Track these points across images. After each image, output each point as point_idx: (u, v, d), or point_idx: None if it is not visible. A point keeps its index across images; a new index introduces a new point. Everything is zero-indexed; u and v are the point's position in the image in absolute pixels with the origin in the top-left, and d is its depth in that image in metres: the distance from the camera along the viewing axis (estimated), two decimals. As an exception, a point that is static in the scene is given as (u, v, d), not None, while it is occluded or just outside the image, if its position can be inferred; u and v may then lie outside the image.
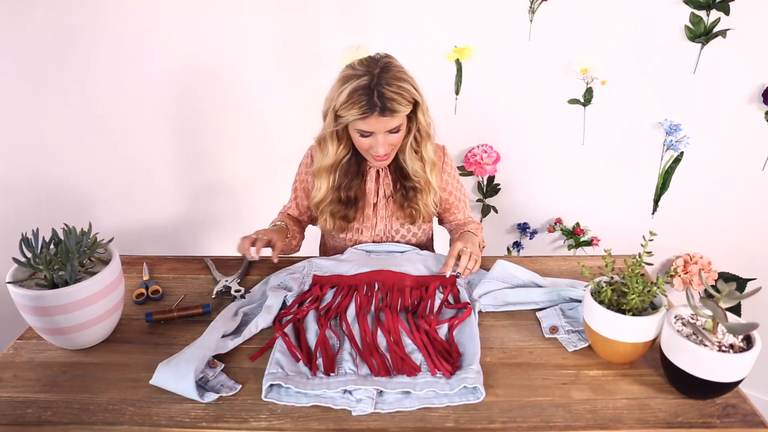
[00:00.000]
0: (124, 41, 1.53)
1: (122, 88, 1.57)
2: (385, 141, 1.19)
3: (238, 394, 0.91)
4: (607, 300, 0.95)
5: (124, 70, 1.56)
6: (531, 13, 1.73)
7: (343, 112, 1.15)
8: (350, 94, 1.13)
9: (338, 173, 1.30)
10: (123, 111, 1.59)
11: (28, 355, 1.01)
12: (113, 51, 1.52)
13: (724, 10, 1.47)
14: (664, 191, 1.78)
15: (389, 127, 1.17)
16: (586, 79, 1.72)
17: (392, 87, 1.13)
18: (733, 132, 1.61)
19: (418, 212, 1.33)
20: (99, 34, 1.48)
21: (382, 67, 1.15)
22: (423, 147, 1.28)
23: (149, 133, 1.70)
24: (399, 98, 1.14)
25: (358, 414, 0.86)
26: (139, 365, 0.98)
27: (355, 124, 1.17)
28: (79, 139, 1.53)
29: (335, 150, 1.26)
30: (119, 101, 1.57)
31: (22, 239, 0.96)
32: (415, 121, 1.23)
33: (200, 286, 1.24)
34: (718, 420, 0.86)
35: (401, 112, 1.15)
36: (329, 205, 1.32)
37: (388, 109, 1.13)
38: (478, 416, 0.86)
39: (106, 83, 1.53)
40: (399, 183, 1.33)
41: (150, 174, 1.74)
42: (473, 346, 0.99)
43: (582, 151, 1.84)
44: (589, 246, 1.97)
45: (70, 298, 0.92)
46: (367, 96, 1.12)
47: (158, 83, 1.65)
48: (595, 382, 0.94)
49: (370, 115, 1.13)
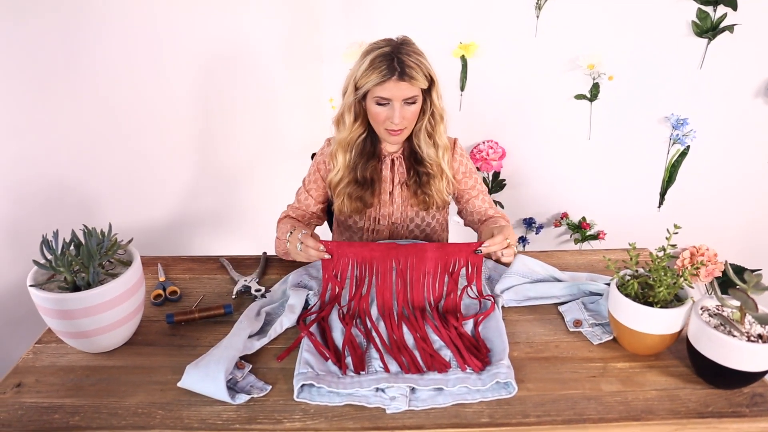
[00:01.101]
0: (129, 41, 1.51)
1: (127, 88, 1.55)
2: (401, 111, 1.21)
3: (269, 394, 0.90)
4: (633, 293, 0.96)
5: (129, 69, 1.54)
6: (537, 9, 1.74)
7: (363, 80, 1.19)
8: (371, 61, 1.18)
9: (354, 152, 1.31)
10: (122, 112, 1.57)
11: (48, 359, 0.99)
12: (119, 50, 1.50)
13: (731, 5, 1.48)
14: (671, 185, 1.80)
15: (406, 95, 1.19)
16: (593, 75, 1.73)
17: (411, 57, 1.18)
18: (739, 126, 1.63)
19: (431, 198, 1.34)
20: (105, 34, 1.46)
21: (403, 41, 1.23)
22: (437, 131, 1.30)
23: (153, 132, 1.68)
24: (417, 68, 1.18)
25: (393, 412, 0.86)
26: (165, 368, 0.96)
27: (374, 92, 1.20)
28: (79, 140, 1.51)
29: (351, 124, 1.28)
30: (122, 101, 1.56)
31: (42, 241, 0.94)
32: (429, 102, 1.26)
33: (218, 286, 1.23)
34: (747, 409, 0.87)
35: (418, 80, 1.19)
36: (346, 187, 1.32)
37: (406, 74, 1.17)
38: (512, 411, 0.87)
39: (112, 82, 1.52)
40: (413, 169, 1.34)
41: (153, 173, 1.72)
42: (501, 341, 0.99)
43: (588, 146, 1.86)
44: (596, 240, 1.98)
45: (95, 300, 0.91)
46: (388, 61, 1.17)
47: (164, 82, 1.64)
48: (623, 374, 0.95)
49: (389, 79, 1.16)
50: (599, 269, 1.30)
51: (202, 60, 1.71)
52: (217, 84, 1.79)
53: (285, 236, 1.25)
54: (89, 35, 1.43)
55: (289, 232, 1.22)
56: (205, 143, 1.85)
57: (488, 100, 1.92)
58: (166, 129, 1.70)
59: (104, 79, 1.49)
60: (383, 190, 1.35)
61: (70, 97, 1.45)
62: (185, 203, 1.84)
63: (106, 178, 1.58)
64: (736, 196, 1.71)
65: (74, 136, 1.48)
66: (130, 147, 1.62)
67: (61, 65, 1.41)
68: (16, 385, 0.92)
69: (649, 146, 1.78)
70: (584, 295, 1.16)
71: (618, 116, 1.77)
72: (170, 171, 1.77)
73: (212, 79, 1.77)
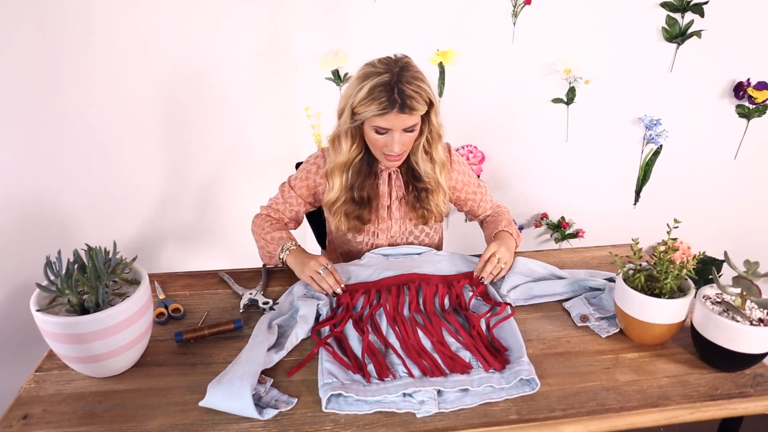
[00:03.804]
0: (103, 53, 1.46)
1: (102, 100, 1.50)
2: (400, 139, 1.20)
3: (296, 407, 0.88)
4: (640, 286, 1.00)
5: (104, 82, 1.49)
6: (514, 17, 1.79)
7: (361, 109, 1.16)
8: (370, 90, 1.14)
9: (351, 172, 1.29)
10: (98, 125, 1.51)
11: (53, 387, 0.94)
12: (94, 63, 1.45)
13: (698, 12, 1.58)
14: (645, 183, 1.89)
15: (406, 125, 1.18)
16: (569, 79, 1.80)
17: (412, 86, 1.14)
18: (707, 125, 1.73)
19: (430, 212, 1.35)
20: (80, 47, 1.41)
21: (402, 66, 1.17)
22: (434, 149, 1.30)
23: (129, 145, 1.62)
24: (418, 97, 1.15)
25: (423, 415, 0.86)
26: (181, 388, 0.93)
27: (373, 121, 1.17)
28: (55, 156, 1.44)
29: (348, 148, 1.25)
30: (97, 114, 1.50)
31: (46, 264, 0.90)
32: (428, 122, 1.25)
33: (221, 301, 1.20)
34: (752, 389, 0.93)
35: (419, 110, 1.17)
36: (343, 206, 1.31)
37: (407, 106, 1.14)
38: (537, 406, 0.89)
39: (87, 95, 1.46)
40: (411, 185, 1.34)
41: (129, 187, 1.66)
42: (516, 340, 1.01)
43: (566, 148, 1.92)
44: (575, 238, 2.05)
45: (108, 322, 0.87)
46: (388, 93, 1.13)
47: (139, 94, 1.59)
48: (635, 363, 0.99)
49: (390, 112, 1.14)
50: (594, 265, 1.35)
51: (177, 70, 1.67)
52: (192, 94, 1.75)
53: (278, 244, 1.25)
54: (66, 49, 1.38)
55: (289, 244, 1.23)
56: (181, 155, 1.80)
57: (467, 105, 1.96)
58: (141, 141, 1.65)
59: (78, 91, 1.43)
60: (381, 205, 1.35)
61: (46, 112, 1.38)
62: (162, 217, 1.79)
63: (82, 193, 1.51)
64: (707, 190, 1.81)
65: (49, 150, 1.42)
66: (105, 161, 1.56)
67: (37, 81, 1.35)
68: (22, 417, 0.87)
69: (624, 146, 1.86)
70: (585, 290, 1.20)
71: (594, 118, 1.85)
72: (146, 184, 1.71)
73: (187, 89, 1.73)
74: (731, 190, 1.78)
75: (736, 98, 1.65)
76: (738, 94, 1.63)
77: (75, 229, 1.51)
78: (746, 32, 1.59)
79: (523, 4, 1.77)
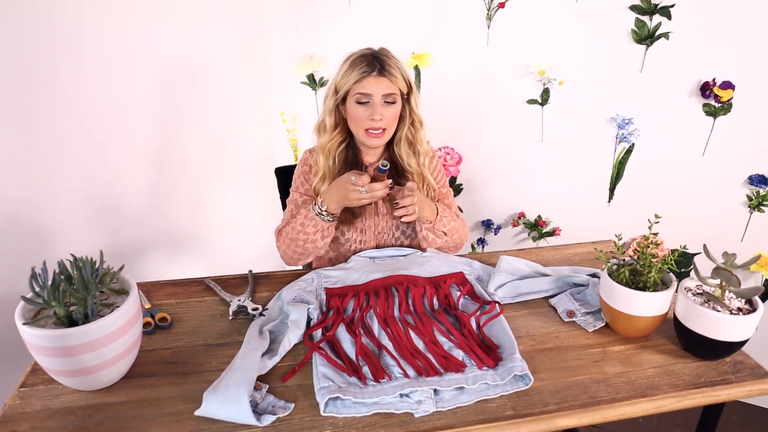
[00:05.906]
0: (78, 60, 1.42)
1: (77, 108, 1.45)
2: (381, 108, 1.23)
3: (293, 413, 0.88)
4: (624, 280, 1.04)
5: (80, 88, 1.45)
6: (488, 20, 1.83)
7: (343, 80, 1.24)
8: (352, 63, 1.24)
9: (337, 160, 1.32)
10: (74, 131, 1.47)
11: (39, 402, 0.91)
12: (69, 69, 1.41)
13: (666, 15, 1.64)
14: (619, 180, 1.95)
15: (387, 91, 1.23)
16: (544, 80, 1.84)
17: (391, 59, 1.25)
18: (676, 123, 1.79)
19: None
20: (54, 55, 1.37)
21: (381, 48, 1.29)
22: (417, 139, 1.34)
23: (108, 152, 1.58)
24: (396, 69, 1.24)
25: (421, 415, 0.87)
26: (174, 398, 0.92)
27: (354, 89, 1.23)
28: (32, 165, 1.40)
29: (332, 131, 1.30)
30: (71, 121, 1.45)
31: (31, 276, 0.87)
32: (409, 109, 1.31)
33: (209, 308, 1.18)
34: (733, 376, 0.97)
35: (398, 78, 1.24)
36: None
37: (386, 71, 1.22)
38: (531, 401, 0.91)
39: (62, 102, 1.41)
40: (394, 181, 1.35)
41: (106, 196, 1.62)
42: (507, 337, 1.03)
43: (541, 148, 1.97)
44: (552, 236, 2.10)
45: (98, 333, 0.85)
46: (368, 60, 1.23)
47: (118, 101, 1.55)
48: (622, 356, 1.02)
49: (369, 74, 1.21)
50: (575, 262, 1.39)
51: (151, 79, 1.64)
52: (169, 102, 1.72)
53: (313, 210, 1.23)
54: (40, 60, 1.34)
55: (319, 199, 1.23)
56: (159, 163, 1.76)
57: (443, 107, 1.98)
58: (120, 148, 1.61)
59: (57, 98, 1.39)
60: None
61: (25, 119, 1.34)
62: (140, 225, 1.75)
63: (59, 202, 1.47)
64: (677, 186, 1.88)
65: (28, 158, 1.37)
66: (81, 170, 1.51)
67: (14, 87, 1.30)
68: (9, 435, 0.84)
69: (597, 145, 1.91)
70: (570, 287, 1.23)
71: (568, 118, 1.90)
72: (125, 192, 1.67)
73: (162, 99, 1.70)
74: (700, 186, 1.85)
75: (702, 97, 1.72)
76: (704, 94, 1.70)
77: (48, 239, 1.46)
78: (711, 34, 1.66)
79: (497, 8, 1.80)
